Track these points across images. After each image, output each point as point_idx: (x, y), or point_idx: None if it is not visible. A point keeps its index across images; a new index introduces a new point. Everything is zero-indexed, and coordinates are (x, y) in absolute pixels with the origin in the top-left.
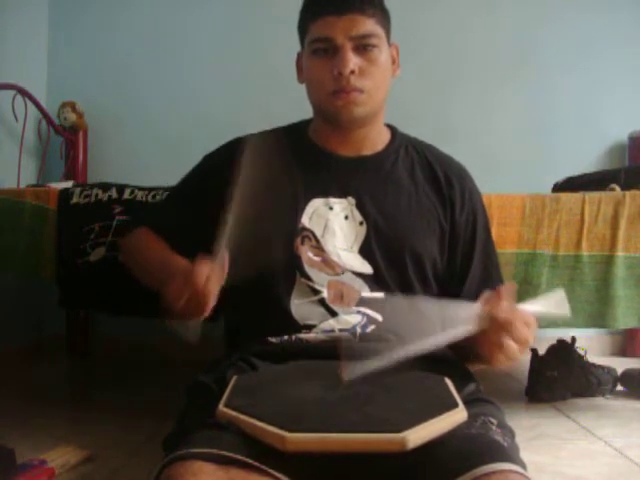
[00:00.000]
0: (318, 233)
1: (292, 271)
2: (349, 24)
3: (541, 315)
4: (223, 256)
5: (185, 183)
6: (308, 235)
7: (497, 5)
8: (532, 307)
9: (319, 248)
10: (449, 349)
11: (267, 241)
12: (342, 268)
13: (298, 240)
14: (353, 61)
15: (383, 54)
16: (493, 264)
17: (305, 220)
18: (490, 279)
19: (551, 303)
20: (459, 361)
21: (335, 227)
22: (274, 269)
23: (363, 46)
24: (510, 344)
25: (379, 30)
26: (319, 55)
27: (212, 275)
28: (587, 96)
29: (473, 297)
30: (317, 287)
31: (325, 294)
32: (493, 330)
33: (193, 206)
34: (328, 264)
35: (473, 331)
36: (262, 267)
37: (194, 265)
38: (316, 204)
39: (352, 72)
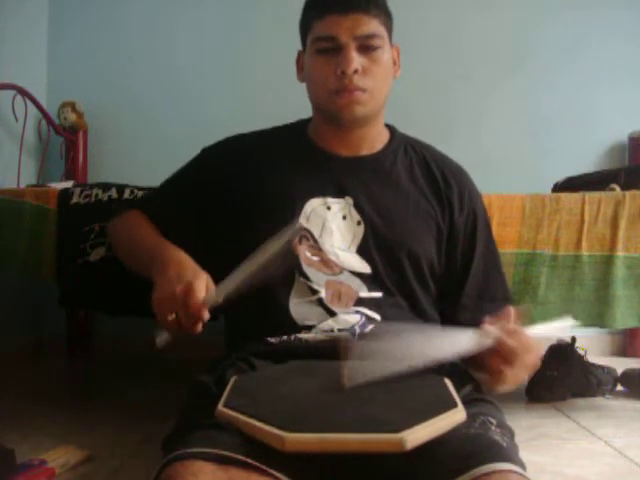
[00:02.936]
0: (316, 233)
1: (291, 270)
2: (353, 23)
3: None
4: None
5: (181, 174)
6: (306, 235)
7: (495, 4)
8: (539, 332)
9: (317, 248)
10: None
11: (265, 240)
12: (340, 268)
13: (296, 240)
14: (357, 60)
15: (386, 55)
16: (495, 265)
17: (303, 220)
18: (492, 280)
19: (559, 329)
20: (459, 361)
21: (333, 227)
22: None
23: (367, 46)
24: (509, 373)
25: (382, 31)
26: (322, 54)
27: (207, 300)
28: (587, 96)
29: (474, 298)
30: (315, 287)
31: (323, 294)
32: (496, 355)
33: (187, 197)
34: (326, 263)
35: (477, 348)
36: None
37: (192, 286)
38: (314, 204)
39: (355, 71)
